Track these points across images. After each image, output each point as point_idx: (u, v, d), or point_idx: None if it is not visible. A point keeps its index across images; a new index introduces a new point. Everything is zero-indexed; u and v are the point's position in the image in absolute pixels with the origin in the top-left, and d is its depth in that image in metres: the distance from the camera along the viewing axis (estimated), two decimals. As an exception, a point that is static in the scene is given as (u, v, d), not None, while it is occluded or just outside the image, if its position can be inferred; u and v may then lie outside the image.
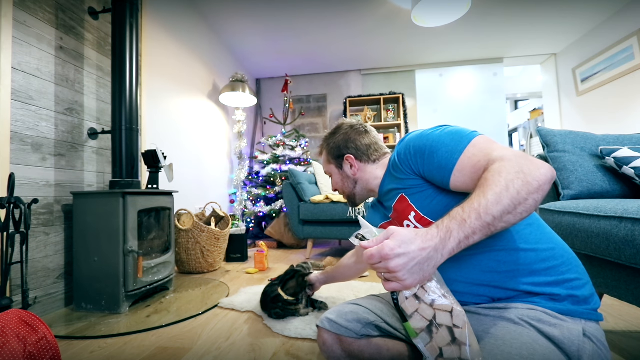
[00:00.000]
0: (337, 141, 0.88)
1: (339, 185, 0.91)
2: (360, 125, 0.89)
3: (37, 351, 0.75)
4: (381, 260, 0.46)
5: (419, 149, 0.66)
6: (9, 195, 1.10)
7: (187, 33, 2.67)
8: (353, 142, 0.86)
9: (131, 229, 1.43)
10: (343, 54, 3.79)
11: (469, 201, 0.48)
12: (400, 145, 0.72)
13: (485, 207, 0.46)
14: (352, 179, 0.87)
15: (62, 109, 1.50)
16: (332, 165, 0.91)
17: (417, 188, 0.69)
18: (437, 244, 0.46)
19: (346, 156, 0.86)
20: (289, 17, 2.97)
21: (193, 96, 2.76)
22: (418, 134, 0.69)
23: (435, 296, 0.45)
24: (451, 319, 0.43)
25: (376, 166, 0.85)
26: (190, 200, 2.56)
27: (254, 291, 1.60)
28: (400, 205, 0.73)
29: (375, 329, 0.71)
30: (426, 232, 0.47)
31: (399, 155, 0.71)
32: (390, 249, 0.45)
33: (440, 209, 0.65)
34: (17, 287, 1.22)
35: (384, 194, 0.80)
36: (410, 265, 0.45)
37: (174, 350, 1.04)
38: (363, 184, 0.86)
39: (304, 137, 3.56)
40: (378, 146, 0.87)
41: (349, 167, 0.86)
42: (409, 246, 0.45)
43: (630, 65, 2.88)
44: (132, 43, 1.59)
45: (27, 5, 1.33)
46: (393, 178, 0.75)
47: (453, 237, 0.46)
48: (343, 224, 2.36)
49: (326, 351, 0.73)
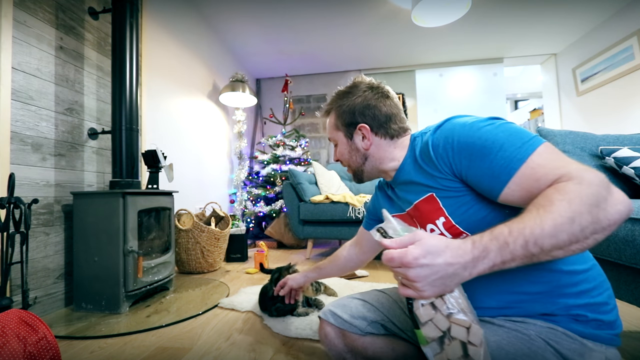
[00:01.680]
0: (351, 104, 0.72)
1: (344, 157, 0.77)
2: (381, 88, 0.73)
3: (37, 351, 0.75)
4: (401, 266, 0.41)
5: (466, 145, 0.54)
6: (9, 195, 1.10)
7: (188, 33, 2.67)
8: (371, 109, 0.70)
9: (131, 229, 1.43)
10: (343, 54, 3.79)
11: (519, 222, 0.42)
12: (439, 134, 0.59)
13: (537, 238, 0.40)
14: (362, 154, 0.73)
15: (62, 109, 1.50)
16: (339, 133, 0.75)
17: (453, 191, 0.58)
18: (468, 261, 0.41)
19: (360, 125, 0.71)
20: (289, 17, 2.97)
21: (193, 96, 2.76)
22: (464, 124, 0.56)
23: (454, 310, 0.42)
24: (467, 335, 0.41)
25: (394, 144, 0.71)
26: (190, 200, 2.56)
27: (254, 291, 1.60)
28: (426, 206, 0.63)
29: (381, 327, 0.69)
30: (458, 246, 0.42)
31: (435, 145, 0.59)
32: (413, 258, 0.40)
33: (476, 220, 0.57)
34: (17, 287, 1.22)
35: (403, 182, 0.69)
36: (432, 278, 0.41)
37: (174, 350, 1.04)
38: (374, 162, 0.73)
39: (304, 137, 3.56)
40: (399, 118, 0.72)
41: (361, 138, 0.72)
42: (435, 258, 0.41)
43: (630, 65, 2.88)
44: (132, 43, 1.59)
45: (27, 5, 1.33)
46: (421, 170, 0.63)
47: (488, 258, 0.41)
48: (343, 224, 2.36)
49: (328, 344, 0.71)
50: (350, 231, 2.34)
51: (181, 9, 2.59)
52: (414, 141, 0.68)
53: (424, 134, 0.66)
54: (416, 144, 0.67)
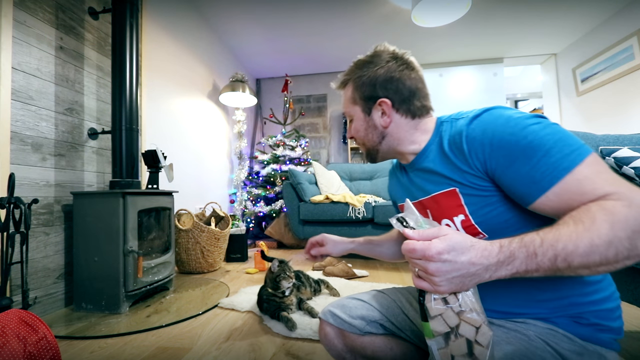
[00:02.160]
0: (372, 75, 0.65)
1: (359, 133, 0.70)
2: (406, 59, 0.65)
3: (37, 351, 0.75)
4: (422, 258, 0.41)
5: (507, 144, 0.49)
6: (9, 195, 1.10)
7: (187, 33, 2.67)
8: (394, 82, 0.63)
9: (131, 229, 1.43)
10: (343, 54, 3.79)
11: (553, 234, 0.40)
12: (476, 125, 0.54)
13: (568, 254, 0.38)
14: (380, 132, 0.67)
15: (62, 109, 1.50)
16: (356, 107, 0.68)
17: (480, 190, 0.54)
18: (491, 264, 0.40)
19: (380, 100, 0.64)
20: (289, 17, 2.97)
21: (193, 96, 2.76)
22: (509, 118, 0.51)
23: (466, 308, 0.42)
24: (475, 335, 0.41)
25: (415, 125, 0.65)
26: (190, 200, 2.56)
27: (254, 291, 1.60)
28: (446, 200, 0.59)
29: (379, 327, 0.70)
30: (484, 247, 0.41)
31: (470, 138, 0.53)
32: (436, 252, 0.39)
33: (498, 222, 0.54)
34: (17, 287, 1.22)
35: (422, 170, 0.64)
36: (452, 275, 0.40)
37: (174, 350, 1.04)
38: (392, 142, 0.67)
39: (304, 137, 3.56)
40: (423, 94, 0.65)
41: (380, 114, 0.65)
42: (458, 255, 0.40)
43: (630, 65, 2.88)
44: (132, 43, 1.59)
45: (27, 5, 1.33)
46: (447, 162, 0.58)
47: (513, 265, 0.40)
48: (343, 224, 2.36)
49: (327, 343, 0.72)
50: (350, 231, 2.34)
51: (181, 9, 2.59)
52: (441, 126, 0.62)
53: (455, 120, 0.60)
54: (443, 130, 0.61)
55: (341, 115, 4.26)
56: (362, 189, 2.97)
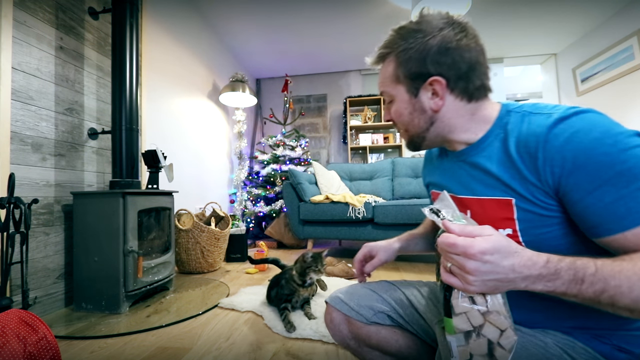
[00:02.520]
0: (423, 47, 0.52)
1: (402, 118, 0.59)
2: (464, 24, 0.53)
3: (37, 351, 0.75)
4: (461, 254, 0.38)
5: (595, 164, 0.41)
6: (9, 195, 1.10)
7: (187, 33, 2.67)
8: (451, 55, 0.51)
9: (131, 229, 1.43)
10: (343, 54, 3.79)
11: (611, 267, 0.37)
12: (559, 131, 0.44)
13: (617, 294, 0.36)
14: (429, 116, 0.56)
15: (62, 109, 1.50)
16: (399, 87, 0.57)
17: (541, 207, 0.47)
18: (531, 275, 0.38)
19: (433, 78, 0.53)
20: (289, 17, 2.97)
21: (193, 96, 2.76)
22: (604, 132, 0.42)
23: (493, 309, 0.41)
24: (499, 337, 0.40)
25: (472, 110, 0.55)
26: (190, 200, 2.56)
27: (254, 291, 1.60)
28: (496, 209, 0.51)
29: (387, 318, 0.69)
30: (529, 256, 0.39)
31: (548, 146, 0.44)
32: (480, 251, 0.37)
33: (549, 245, 0.47)
34: (17, 287, 1.22)
35: (472, 165, 0.55)
36: (489, 277, 0.38)
37: (174, 350, 1.04)
38: (442, 129, 0.56)
39: (304, 137, 3.56)
40: (484, 70, 0.54)
41: (430, 95, 0.54)
42: (502, 259, 0.37)
43: (630, 65, 2.88)
44: (132, 43, 1.59)
45: (27, 5, 1.33)
46: (510, 165, 0.49)
47: (553, 283, 0.38)
48: (343, 224, 2.36)
49: (332, 329, 0.71)
50: (350, 231, 2.34)
51: (181, 9, 2.59)
52: (507, 116, 0.53)
53: (530, 115, 0.49)
54: (511, 124, 0.51)
55: (341, 115, 4.26)
56: (362, 189, 2.97)
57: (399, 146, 4.04)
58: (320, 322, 1.18)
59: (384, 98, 0.62)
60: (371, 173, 3.04)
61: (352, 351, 0.73)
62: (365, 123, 4.05)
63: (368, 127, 4.12)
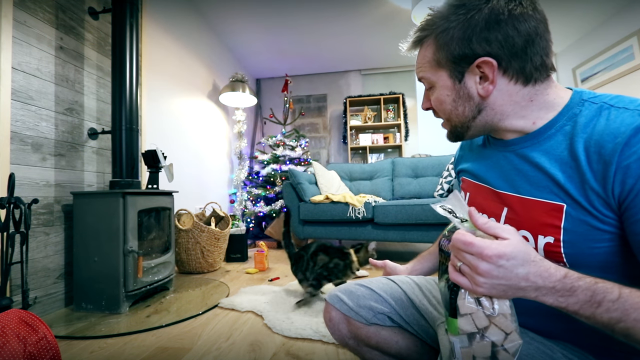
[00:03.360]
0: (467, 23, 0.45)
1: (444, 106, 0.52)
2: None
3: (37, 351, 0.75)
4: (476, 255, 0.36)
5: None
6: (9, 195, 1.10)
7: (187, 33, 2.67)
8: (503, 28, 0.44)
9: (131, 229, 1.43)
10: (343, 54, 3.79)
11: (636, 298, 0.34)
12: (633, 128, 0.38)
13: (634, 329, 0.34)
14: (476, 103, 0.49)
15: (62, 109, 1.50)
16: (441, 73, 0.50)
17: (597, 220, 0.42)
18: (544, 287, 0.36)
19: (481, 59, 0.45)
20: (289, 17, 2.97)
21: (193, 96, 2.76)
22: None
23: (499, 313, 0.40)
24: (503, 340, 0.39)
25: (530, 94, 0.47)
26: (190, 200, 2.56)
27: (254, 291, 1.60)
28: (541, 213, 0.45)
29: (387, 319, 0.67)
30: (547, 269, 0.36)
31: (629, 151, 0.38)
32: (496, 254, 0.35)
33: (592, 262, 0.43)
34: (17, 287, 1.22)
35: (523, 158, 0.49)
36: (500, 281, 0.36)
37: (174, 350, 1.04)
38: (492, 117, 0.49)
39: (304, 137, 3.56)
40: (545, 44, 0.45)
41: (478, 79, 0.47)
42: (516, 267, 0.36)
43: (630, 65, 2.88)
44: (132, 43, 1.59)
45: (27, 5, 1.33)
46: (571, 164, 0.43)
47: (566, 299, 0.36)
48: (343, 224, 2.36)
49: (332, 327, 0.70)
50: (350, 231, 2.34)
51: (181, 9, 2.59)
52: (580, 106, 0.45)
53: (612, 109, 0.42)
54: (583, 116, 0.44)
55: (341, 115, 4.25)
56: (362, 189, 2.97)
57: (399, 146, 4.04)
58: (320, 322, 1.18)
59: (424, 81, 0.54)
60: (371, 173, 3.04)
61: (351, 350, 0.72)
62: (365, 123, 4.05)
63: (368, 127, 4.12)
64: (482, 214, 0.52)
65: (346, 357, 0.97)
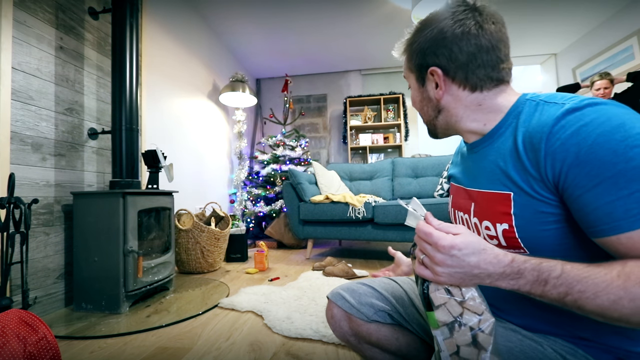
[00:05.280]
0: (422, 41, 0.55)
1: (416, 105, 0.63)
2: (475, 12, 0.52)
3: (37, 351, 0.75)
4: (432, 245, 0.42)
5: (598, 161, 0.39)
6: (9, 195, 1.10)
7: (187, 33, 2.67)
8: (447, 46, 0.52)
9: (131, 229, 1.43)
10: (343, 54, 3.79)
11: (578, 271, 0.37)
12: (567, 122, 0.41)
13: (582, 299, 0.37)
14: (435, 105, 0.58)
15: (62, 109, 1.50)
16: (412, 76, 0.61)
17: (540, 202, 0.45)
18: (495, 273, 0.40)
19: (431, 69, 0.54)
20: (289, 17, 2.97)
21: (193, 96, 2.76)
22: (615, 127, 0.38)
23: (468, 297, 0.43)
24: (478, 322, 0.42)
25: (479, 100, 0.53)
26: (190, 200, 2.56)
27: (254, 291, 1.60)
28: (496, 203, 0.51)
29: (387, 317, 0.69)
30: (495, 255, 0.41)
31: (552, 139, 0.42)
32: (449, 245, 0.40)
33: (546, 244, 0.46)
34: (17, 287, 1.22)
35: (482, 157, 0.55)
36: (455, 270, 0.41)
37: (174, 350, 1.04)
38: (450, 118, 0.57)
39: (304, 137, 3.57)
40: (491, 60, 0.51)
41: (434, 86, 0.56)
42: (467, 256, 0.40)
43: (630, 65, 2.88)
44: (132, 43, 1.59)
45: (27, 5, 1.33)
46: (515, 158, 0.48)
47: (516, 282, 0.40)
48: (343, 224, 2.36)
49: (333, 324, 0.72)
50: (350, 231, 2.34)
51: (181, 9, 2.59)
52: (522, 106, 0.50)
53: (543, 104, 0.47)
54: (524, 113, 0.49)
55: (341, 115, 4.26)
56: (362, 189, 2.97)
57: (399, 146, 4.04)
58: (320, 322, 1.18)
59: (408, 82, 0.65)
60: (371, 173, 3.04)
61: (351, 347, 0.73)
62: (365, 123, 4.05)
63: (368, 127, 4.12)
64: (458, 211, 0.62)
65: (346, 357, 0.97)
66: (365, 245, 3.06)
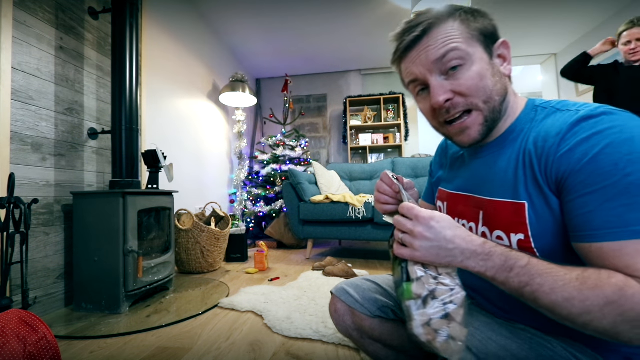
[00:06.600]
0: (491, 17, 0.50)
1: (485, 81, 0.47)
2: None
3: (37, 351, 0.75)
4: (414, 219, 0.44)
5: (597, 171, 0.39)
6: (9, 195, 1.10)
7: (187, 33, 2.67)
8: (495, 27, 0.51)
9: (131, 229, 1.43)
10: (343, 54, 3.79)
11: (543, 266, 0.39)
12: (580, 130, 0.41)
13: (539, 292, 0.38)
14: (503, 82, 0.49)
15: (62, 109, 1.50)
16: (475, 47, 0.48)
17: (556, 212, 0.44)
18: (468, 250, 0.42)
19: (503, 41, 0.49)
20: (289, 17, 2.97)
21: (193, 96, 2.76)
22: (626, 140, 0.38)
23: (443, 272, 0.46)
24: (450, 296, 0.44)
25: (513, 92, 0.53)
26: (190, 200, 2.56)
27: (254, 291, 1.60)
28: (508, 213, 0.48)
29: (390, 312, 0.69)
30: (470, 234, 0.43)
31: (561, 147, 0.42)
32: (428, 216, 0.43)
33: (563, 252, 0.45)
34: (17, 287, 1.21)
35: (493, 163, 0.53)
36: (431, 244, 0.43)
37: (174, 350, 1.04)
38: (507, 105, 0.51)
39: (304, 137, 3.57)
40: None
41: (501, 62, 0.50)
42: (444, 229, 0.43)
43: (630, 65, 2.88)
44: (132, 43, 1.59)
45: (27, 5, 1.33)
46: (527, 166, 0.47)
47: (485, 263, 0.41)
48: (343, 224, 2.36)
49: (337, 319, 0.73)
50: (350, 231, 2.34)
51: (181, 9, 2.59)
52: (533, 112, 0.50)
53: (555, 111, 0.46)
54: (537, 121, 0.48)
55: (341, 115, 4.26)
56: (362, 189, 2.97)
57: (399, 146, 4.04)
58: (320, 322, 1.18)
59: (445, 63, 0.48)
60: (371, 173, 3.04)
61: (354, 341, 0.74)
62: (365, 123, 4.05)
63: (368, 127, 4.12)
64: (462, 220, 0.59)
65: (346, 357, 0.97)
66: (365, 245, 3.06)
